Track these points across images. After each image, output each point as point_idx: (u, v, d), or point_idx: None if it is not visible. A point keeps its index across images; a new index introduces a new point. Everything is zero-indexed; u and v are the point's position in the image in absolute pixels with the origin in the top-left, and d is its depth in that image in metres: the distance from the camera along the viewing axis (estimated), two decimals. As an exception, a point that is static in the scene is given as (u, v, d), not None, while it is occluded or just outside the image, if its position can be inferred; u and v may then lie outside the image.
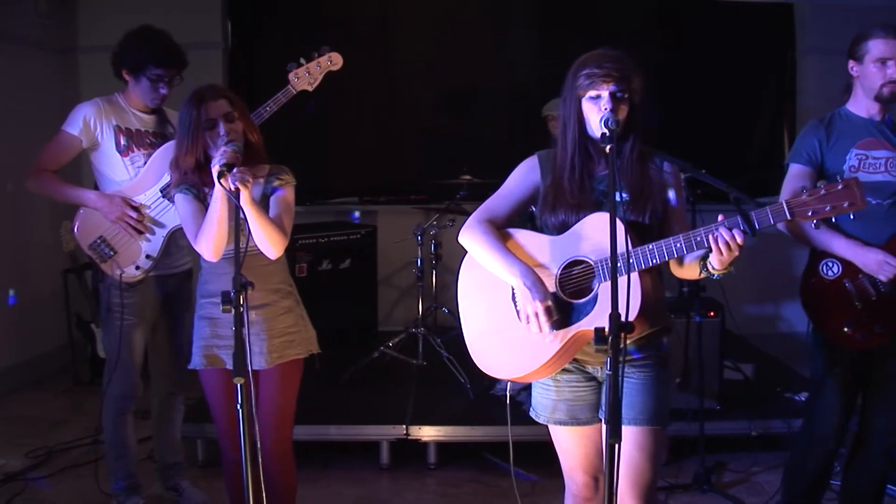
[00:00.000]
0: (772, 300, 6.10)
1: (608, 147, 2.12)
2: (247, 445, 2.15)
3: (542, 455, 2.72)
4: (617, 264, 2.04)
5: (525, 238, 2.34)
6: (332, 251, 5.44)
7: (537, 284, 2.20)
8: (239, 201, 2.43)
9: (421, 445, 3.94)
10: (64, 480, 3.85)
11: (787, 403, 4.08)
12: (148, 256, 3.22)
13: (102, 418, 3.36)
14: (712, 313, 3.87)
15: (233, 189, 2.42)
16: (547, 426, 2.42)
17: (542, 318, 2.16)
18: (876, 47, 2.78)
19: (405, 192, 5.98)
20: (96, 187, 3.30)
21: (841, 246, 2.80)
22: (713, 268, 2.11)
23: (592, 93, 2.21)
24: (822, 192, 1.95)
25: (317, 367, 2.96)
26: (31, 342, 5.33)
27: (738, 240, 2.00)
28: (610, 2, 5.97)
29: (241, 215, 2.44)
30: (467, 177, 4.80)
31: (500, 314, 2.31)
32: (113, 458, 3.36)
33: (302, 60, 3.38)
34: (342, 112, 6.11)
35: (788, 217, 1.98)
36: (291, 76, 3.38)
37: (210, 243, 2.58)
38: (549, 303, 2.17)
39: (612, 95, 2.19)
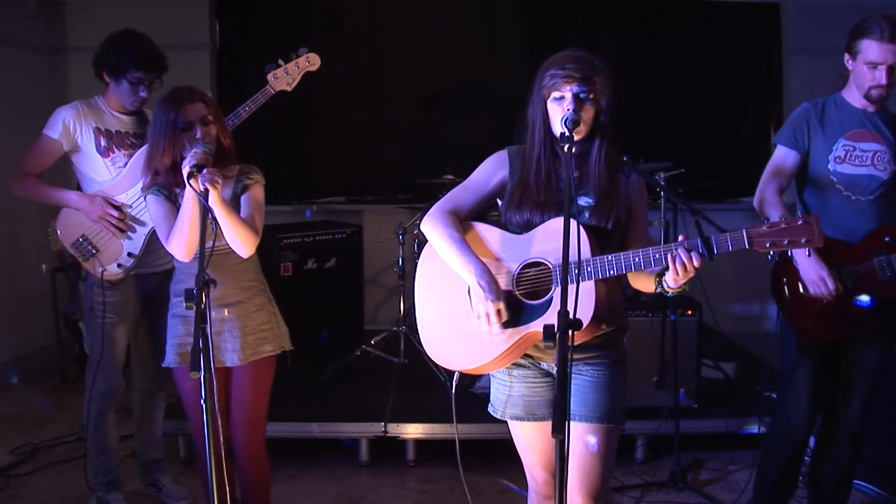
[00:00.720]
0: (758, 299, 6.11)
1: (566, 147, 2.16)
2: (211, 440, 2.18)
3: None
4: (571, 269, 2.09)
5: (487, 232, 2.37)
6: (317, 250, 5.47)
7: (492, 285, 2.23)
8: (208, 201, 2.46)
9: (400, 443, 3.98)
10: (48, 476, 3.90)
11: (767, 402, 4.10)
12: (130, 254, 3.26)
13: (85, 415, 3.41)
14: (690, 312, 3.90)
15: (202, 190, 2.46)
16: (506, 422, 2.46)
17: (493, 318, 2.19)
18: (868, 49, 2.76)
19: (392, 191, 6.01)
20: (80, 189, 3.33)
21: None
22: (668, 286, 2.14)
23: (556, 94, 2.24)
24: (783, 225, 2.00)
25: (288, 364, 2.99)
26: (20, 340, 5.37)
27: (695, 263, 2.04)
28: (596, 1, 6.00)
29: (211, 215, 2.48)
30: (450, 176, 4.83)
31: (455, 305, 2.34)
32: (94, 455, 3.40)
33: (280, 61, 3.43)
34: (329, 112, 6.15)
35: (747, 246, 2.03)
36: (270, 77, 3.42)
37: (182, 243, 2.61)
38: (502, 305, 2.20)
39: (576, 97, 2.22)
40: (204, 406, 2.17)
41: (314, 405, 4.20)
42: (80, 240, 3.25)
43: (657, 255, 2.08)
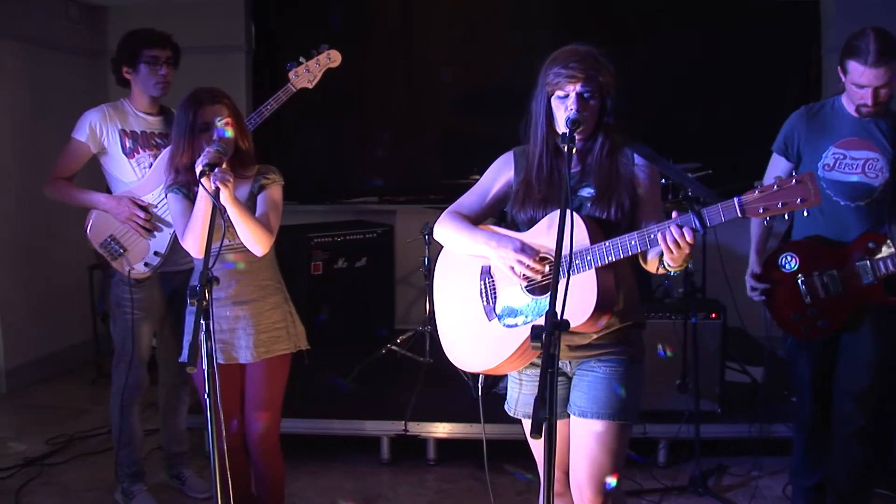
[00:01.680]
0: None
1: (566, 147, 2.16)
2: (214, 435, 2.23)
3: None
4: (568, 262, 2.10)
5: (496, 231, 2.38)
6: (347, 250, 5.53)
7: (503, 240, 2.25)
8: (219, 200, 2.51)
9: (422, 442, 4.00)
10: (79, 466, 4.02)
11: (793, 407, 4.03)
12: (156, 253, 3.34)
13: (110, 408, 3.50)
14: (714, 314, 3.85)
15: (213, 188, 2.51)
16: (521, 421, 2.47)
17: (526, 261, 2.19)
18: (855, 71, 2.74)
19: (424, 191, 6.03)
20: (108, 190, 3.43)
21: (752, 250, 3.10)
22: (668, 265, 2.12)
23: (560, 92, 2.24)
24: (775, 187, 1.94)
25: (306, 363, 3.03)
26: (59, 335, 5.54)
27: (688, 237, 2.00)
28: (629, 0, 5.95)
29: (222, 214, 2.53)
30: (477, 177, 4.82)
31: (469, 309, 2.37)
32: (119, 446, 3.49)
33: (301, 59, 3.47)
34: (363, 113, 6.21)
35: (739, 214, 1.97)
36: (291, 74, 3.48)
37: (195, 241, 2.67)
38: (525, 248, 2.21)
39: (580, 96, 2.22)
40: (207, 401, 2.22)
41: (338, 403, 4.26)
42: (108, 240, 3.34)
43: (652, 236, 2.06)
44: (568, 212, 2.14)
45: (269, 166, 2.93)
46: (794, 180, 1.93)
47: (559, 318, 1.80)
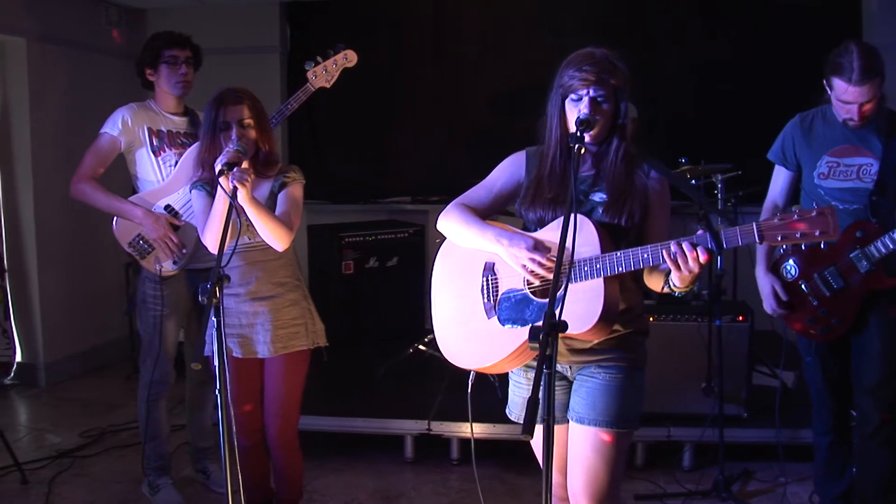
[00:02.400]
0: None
1: (575, 147, 2.15)
2: (224, 428, 2.27)
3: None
4: (575, 268, 2.09)
5: (506, 228, 2.38)
6: (379, 249, 5.56)
7: (515, 238, 2.23)
8: (236, 199, 2.55)
9: (445, 441, 4.01)
10: (110, 459, 4.11)
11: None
12: (184, 252, 3.40)
13: (137, 403, 3.58)
14: (741, 317, 3.79)
15: (231, 187, 2.55)
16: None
17: (540, 260, 2.18)
18: (839, 88, 2.72)
19: (456, 191, 5.99)
20: (133, 189, 3.49)
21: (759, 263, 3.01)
22: (674, 284, 2.09)
23: (573, 94, 2.23)
24: (795, 217, 1.92)
25: (325, 360, 3.06)
26: (96, 331, 5.67)
27: (701, 258, 1.98)
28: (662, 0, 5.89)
29: (237, 212, 2.57)
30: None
31: (467, 304, 2.36)
32: (146, 440, 3.56)
33: (319, 59, 3.51)
34: (395, 113, 6.24)
35: (757, 240, 1.94)
36: (310, 74, 3.52)
37: (214, 238, 2.72)
38: (539, 247, 2.20)
39: (592, 99, 2.21)
40: (218, 396, 2.26)
41: (364, 401, 4.28)
42: (136, 239, 3.40)
43: (665, 252, 2.02)
44: (577, 214, 2.15)
45: (291, 165, 2.98)
46: (814, 212, 1.91)
47: (557, 319, 1.79)
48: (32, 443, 4.34)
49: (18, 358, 5.33)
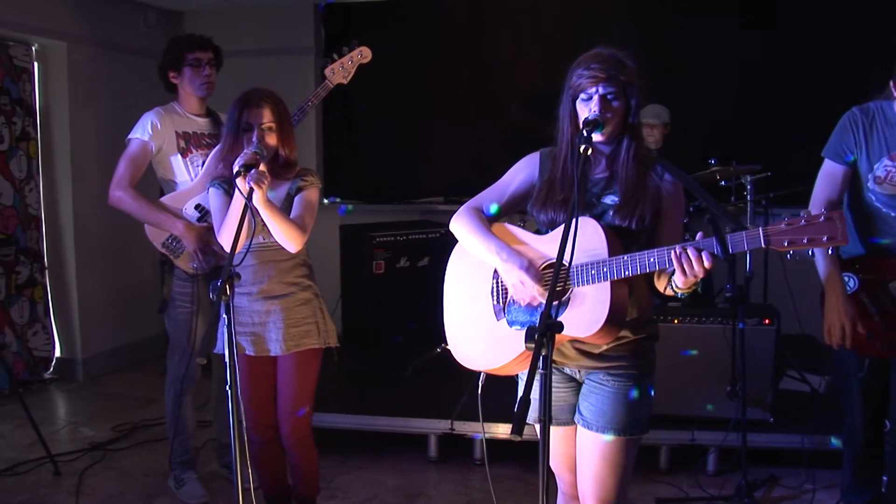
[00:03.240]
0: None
1: (582, 148, 2.14)
2: (235, 423, 2.31)
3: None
4: (588, 270, 2.09)
5: (514, 231, 2.38)
6: (410, 249, 5.59)
7: (513, 256, 2.23)
8: (250, 200, 2.58)
9: (469, 441, 4.01)
10: (140, 453, 4.21)
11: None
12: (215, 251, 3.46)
13: (164, 398, 3.65)
14: (767, 320, 3.73)
15: (248, 189, 2.59)
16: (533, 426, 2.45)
17: (528, 284, 2.18)
18: None
19: (489, 192, 6.02)
20: (161, 192, 3.56)
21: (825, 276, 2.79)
22: (676, 286, 2.07)
23: (583, 94, 2.22)
24: (802, 222, 1.88)
25: (335, 360, 3.09)
26: (133, 328, 5.79)
27: (706, 262, 1.96)
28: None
29: (252, 213, 2.61)
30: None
31: (477, 306, 2.37)
32: (172, 435, 3.63)
33: (335, 56, 3.56)
34: (430, 114, 6.27)
35: (763, 245, 1.91)
36: (327, 71, 3.57)
37: (229, 238, 2.76)
38: (530, 269, 2.19)
39: (602, 97, 2.20)
40: (229, 392, 2.30)
41: (391, 400, 4.31)
42: (170, 240, 3.46)
43: (671, 255, 2.01)
44: (587, 218, 2.17)
45: (309, 169, 3.00)
46: (822, 217, 1.87)
47: (554, 319, 1.79)
48: (67, 435, 4.46)
49: (58, 353, 5.49)
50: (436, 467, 4.02)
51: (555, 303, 2.17)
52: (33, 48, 5.24)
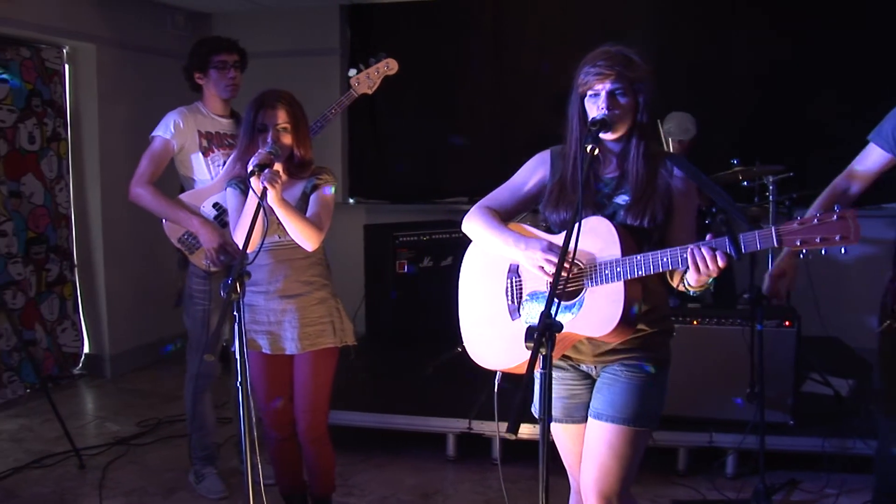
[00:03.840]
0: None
1: (588, 147, 2.14)
2: (245, 420, 2.34)
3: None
4: (602, 270, 2.09)
5: (527, 230, 2.38)
6: (433, 249, 5.61)
7: (533, 241, 2.23)
8: (264, 200, 2.61)
9: (487, 441, 4.02)
10: (163, 448, 4.28)
11: (875, 423, 3.81)
12: (221, 259, 3.50)
13: (184, 395, 3.71)
14: (788, 322, 3.69)
15: (261, 188, 2.63)
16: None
17: (554, 260, 2.15)
18: None
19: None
20: (181, 189, 3.62)
21: None
22: (688, 283, 2.07)
23: (591, 91, 2.22)
24: (815, 221, 1.87)
25: (352, 358, 3.11)
26: (159, 326, 5.88)
27: (720, 262, 1.96)
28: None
29: (265, 212, 2.64)
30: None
31: (492, 306, 2.38)
32: (192, 431, 3.69)
33: (361, 66, 3.57)
34: (455, 114, 6.28)
35: (775, 244, 1.90)
36: (353, 81, 3.58)
37: (244, 235, 2.79)
38: (552, 248, 2.18)
39: (610, 94, 2.19)
40: (239, 388, 2.34)
41: (411, 398, 4.33)
42: (186, 235, 3.52)
43: (685, 255, 2.01)
44: (599, 217, 2.17)
45: (324, 167, 3.01)
46: (835, 216, 1.85)
47: (553, 318, 1.80)
48: (93, 430, 4.54)
49: (86, 349, 5.59)
50: (454, 466, 4.03)
51: (570, 302, 2.19)
52: (64, 50, 5.34)
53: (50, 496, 3.68)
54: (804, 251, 1.93)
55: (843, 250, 2.57)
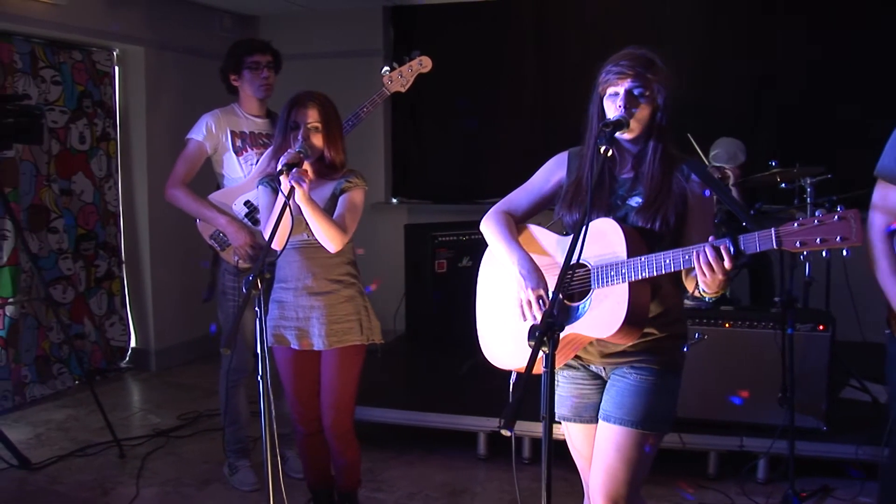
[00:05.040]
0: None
1: (602, 148, 2.14)
2: (266, 415, 2.41)
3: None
4: (606, 271, 2.11)
5: (539, 234, 2.41)
6: (473, 249, 5.63)
7: (532, 273, 2.26)
8: (289, 198, 2.67)
9: (518, 440, 4.03)
10: (201, 441, 4.40)
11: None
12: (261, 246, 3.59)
13: (219, 389, 3.81)
14: (822, 326, 3.63)
15: (288, 187, 2.69)
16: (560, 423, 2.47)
17: (534, 306, 2.21)
18: None
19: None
20: (218, 186, 3.72)
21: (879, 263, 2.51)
22: (703, 290, 2.06)
23: (611, 89, 2.23)
24: (815, 222, 1.83)
25: (378, 356, 3.15)
26: (203, 321, 5.98)
27: (726, 263, 1.94)
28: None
29: (291, 211, 2.70)
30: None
31: (507, 307, 2.40)
32: (227, 424, 3.79)
33: (394, 64, 3.61)
34: (497, 115, 6.31)
35: (775, 245, 1.88)
36: (385, 79, 3.61)
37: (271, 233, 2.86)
38: (542, 292, 2.21)
39: (629, 93, 2.20)
40: (260, 383, 2.41)
41: (445, 397, 4.37)
42: (217, 232, 3.60)
43: (686, 256, 2.01)
44: (608, 219, 2.18)
45: (355, 170, 3.04)
46: (836, 216, 1.81)
47: (555, 318, 1.82)
48: (137, 422, 4.69)
49: (133, 344, 5.76)
50: (484, 465, 4.06)
51: (577, 303, 2.20)
52: (115, 53, 5.51)
53: (90, 483, 3.82)
54: (805, 253, 1.91)
55: (844, 252, 2.51)
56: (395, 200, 6.61)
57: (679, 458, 3.76)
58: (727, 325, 3.74)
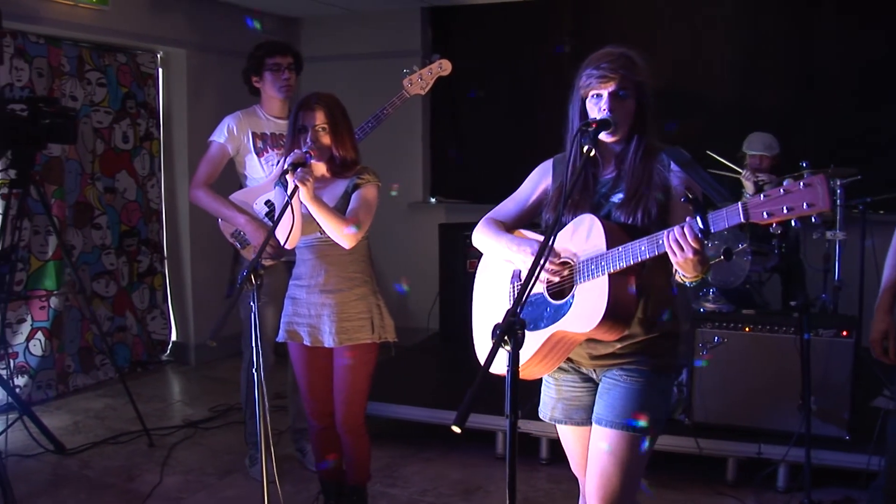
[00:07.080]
0: None
1: (585, 148, 2.15)
2: (261, 407, 2.47)
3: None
4: (588, 267, 2.10)
5: (529, 237, 2.42)
6: (504, 249, 5.63)
7: (523, 243, 2.29)
8: (291, 197, 2.73)
9: (535, 440, 4.03)
10: (228, 432, 4.51)
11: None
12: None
13: (240, 384, 3.90)
14: (845, 332, 3.54)
15: (292, 186, 2.75)
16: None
17: (548, 268, 2.19)
18: None
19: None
20: (240, 185, 3.81)
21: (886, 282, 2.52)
22: (682, 275, 2.05)
23: (593, 92, 2.23)
24: (781, 191, 1.78)
25: (393, 354, 3.20)
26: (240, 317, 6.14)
27: (689, 238, 1.91)
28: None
29: (290, 210, 2.75)
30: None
31: (498, 312, 2.41)
32: (248, 418, 3.88)
33: (415, 67, 3.65)
34: (533, 115, 6.28)
35: (742, 219, 1.84)
36: (405, 82, 3.66)
37: (285, 232, 2.92)
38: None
39: (613, 95, 2.19)
40: (255, 376, 2.47)
41: (462, 395, 4.37)
42: (237, 232, 3.70)
43: (661, 240, 1.99)
44: (588, 215, 2.17)
45: (367, 167, 3.08)
46: (801, 184, 1.76)
47: (517, 317, 1.83)
48: (169, 412, 4.84)
49: (174, 337, 5.93)
50: (501, 464, 4.06)
51: (562, 301, 2.21)
52: (158, 55, 5.69)
53: (118, 469, 3.96)
54: (774, 225, 1.86)
55: (813, 219, 2.43)
56: (433, 200, 6.65)
57: (696, 463, 3.72)
58: (748, 329, 3.68)
